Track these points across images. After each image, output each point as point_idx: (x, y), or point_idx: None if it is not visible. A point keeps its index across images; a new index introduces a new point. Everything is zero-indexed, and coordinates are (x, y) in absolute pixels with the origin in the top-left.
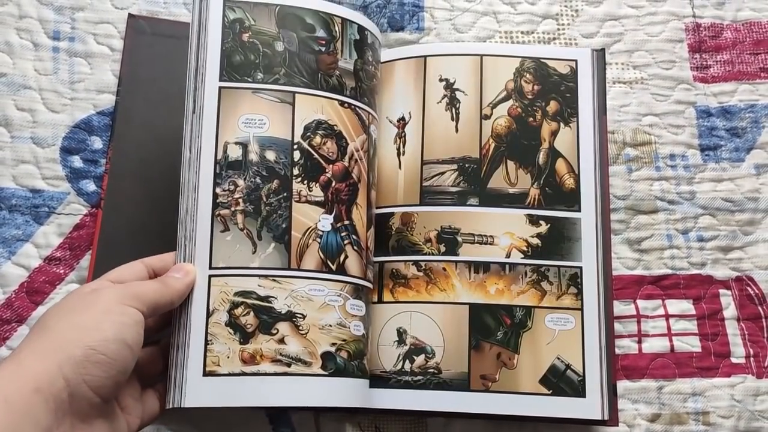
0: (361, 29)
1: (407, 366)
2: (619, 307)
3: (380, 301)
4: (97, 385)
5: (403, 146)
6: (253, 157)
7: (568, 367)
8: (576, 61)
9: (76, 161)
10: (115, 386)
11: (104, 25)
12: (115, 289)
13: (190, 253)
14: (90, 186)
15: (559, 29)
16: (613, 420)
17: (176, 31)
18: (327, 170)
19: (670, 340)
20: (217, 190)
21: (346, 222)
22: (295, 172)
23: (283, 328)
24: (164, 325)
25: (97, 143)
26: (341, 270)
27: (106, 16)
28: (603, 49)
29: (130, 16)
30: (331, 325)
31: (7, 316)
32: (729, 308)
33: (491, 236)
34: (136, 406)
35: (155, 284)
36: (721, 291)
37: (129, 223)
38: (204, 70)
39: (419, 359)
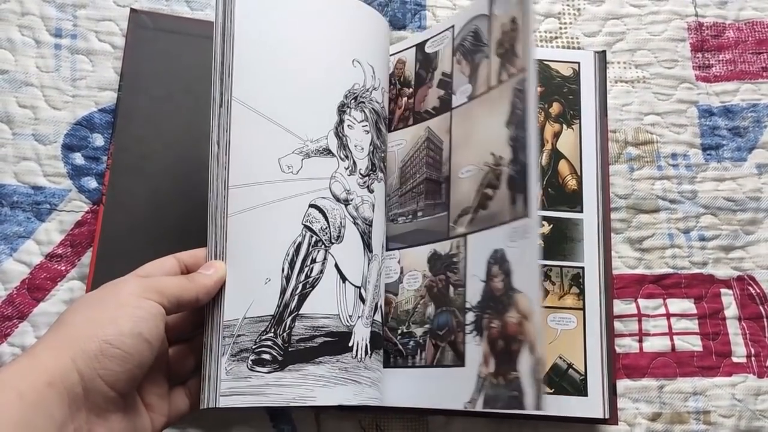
0: None
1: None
2: (620, 306)
3: None
4: (112, 380)
5: None
6: None
7: (570, 366)
8: (579, 63)
9: (78, 158)
10: (132, 381)
11: (106, 23)
12: (135, 282)
13: (222, 251)
14: (91, 183)
15: (561, 28)
16: (613, 419)
17: (178, 26)
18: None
19: (671, 340)
20: None
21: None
22: None
23: None
24: (199, 324)
25: (98, 140)
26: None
27: (108, 13)
28: (604, 51)
29: (132, 11)
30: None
31: (9, 313)
32: (730, 308)
33: None
34: (162, 404)
35: (180, 279)
36: (723, 290)
37: (130, 220)
38: (231, 62)
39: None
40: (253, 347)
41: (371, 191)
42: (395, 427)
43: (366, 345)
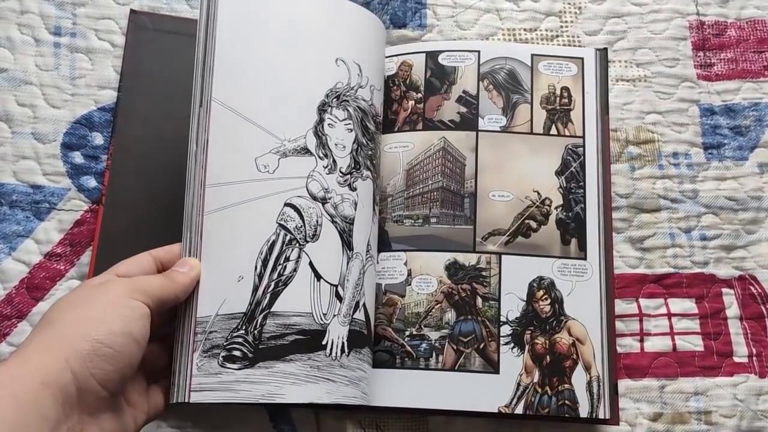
0: None
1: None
2: (621, 306)
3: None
4: (104, 379)
5: None
6: None
7: None
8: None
9: (77, 157)
10: (122, 380)
11: (105, 21)
12: (121, 283)
13: (196, 248)
14: (91, 182)
15: (562, 26)
16: (614, 419)
17: (178, 26)
18: None
19: (673, 339)
20: None
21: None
22: None
23: None
24: (170, 320)
25: (98, 139)
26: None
27: (108, 11)
28: (605, 49)
29: (132, 11)
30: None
31: (8, 312)
32: (732, 307)
33: None
34: (142, 401)
35: (161, 279)
36: (724, 290)
37: (130, 219)
38: (212, 62)
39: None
40: (225, 344)
41: (353, 189)
42: (395, 427)
43: (343, 343)
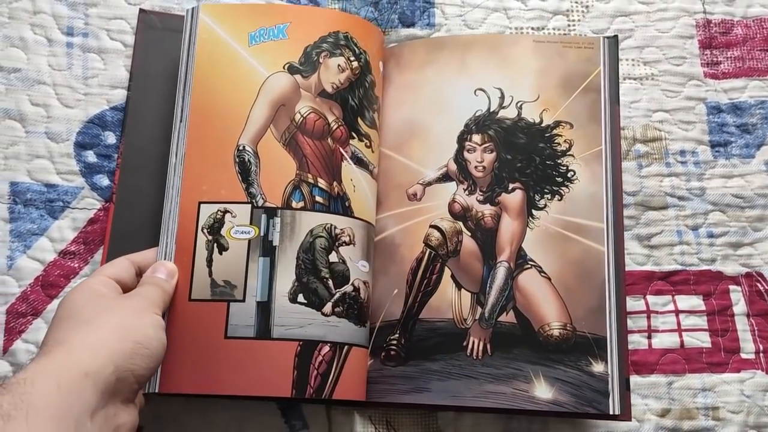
0: None
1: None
2: (629, 303)
3: None
4: (139, 374)
5: None
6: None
7: None
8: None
9: (90, 156)
10: (150, 377)
11: (117, 21)
12: (140, 298)
13: (171, 251)
14: (104, 181)
15: (569, 25)
16: (626, 415)
17: None
18: None
19: (680, 336)
20: None
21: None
22: None
23: None
24: None
25: (110, 138)
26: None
27: (119, 11)
28: (616, 36)
29: (141, 11)
30: None
31: (23, 310)
32: (739, 304)
33: None
34: (139, 396)
35: (160, 291)
36: (731, 287)
37: (140, 218)
38: (191, 81)
39: None
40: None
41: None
42: (405, 423)
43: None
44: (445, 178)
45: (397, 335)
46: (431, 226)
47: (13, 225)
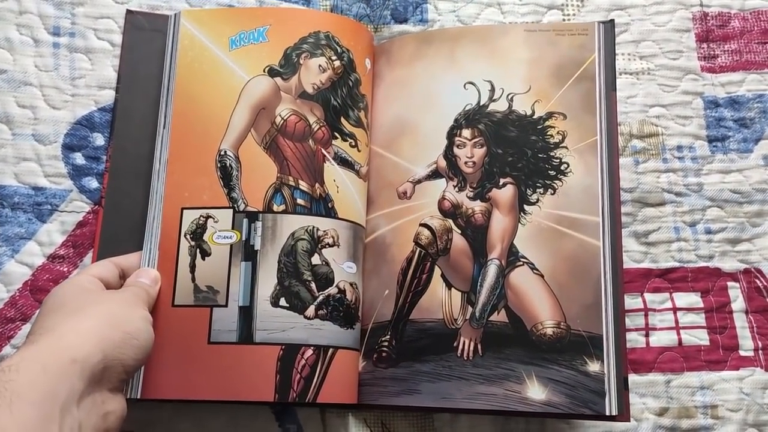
0: None
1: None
2: (627, 301)
3: None
4: (127, 364)
5: None
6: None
7: None
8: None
9: (78, 158)
10: (138, 368)
11: (104, 20)
12: (129, 294)
13: (154, 258)
14: (92, 183)
15: (564, 20)
16: (624, 415)
17: None
18: None
19: (678, 334)
20: None
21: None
22: None
23: None
24: None
25: (98, 140)
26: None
27: (106, 10)
28: (612, 21)
29: (128, 12)
30: None
31: (11, 315)
32: (737, 301)
33: None
34: (125, 387)
35: (145, 294)
36: (729, 283)
37: (130, 221)
38: (173, 87)
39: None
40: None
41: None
42: (401, 425)
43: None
44: (435, 175)
45: (388, 336)
46: (421, 225)
47: (1, 229)
